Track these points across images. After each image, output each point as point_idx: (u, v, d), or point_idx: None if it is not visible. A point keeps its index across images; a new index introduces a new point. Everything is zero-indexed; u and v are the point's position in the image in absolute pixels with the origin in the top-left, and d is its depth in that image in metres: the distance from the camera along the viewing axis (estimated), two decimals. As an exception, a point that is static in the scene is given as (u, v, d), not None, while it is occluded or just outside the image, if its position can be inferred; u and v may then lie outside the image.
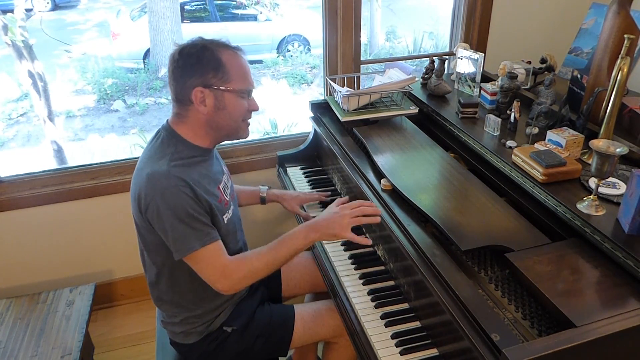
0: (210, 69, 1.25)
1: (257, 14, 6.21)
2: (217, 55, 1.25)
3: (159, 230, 1.25)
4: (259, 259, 1.32)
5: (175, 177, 1.22)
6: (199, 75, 1.24)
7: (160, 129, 1.35)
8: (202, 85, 1.25)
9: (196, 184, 1.26)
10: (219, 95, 1.27)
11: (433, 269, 1.17)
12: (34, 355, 1.72)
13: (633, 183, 1.10)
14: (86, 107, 5.25)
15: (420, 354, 1.17)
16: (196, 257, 1.25)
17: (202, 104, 1.27)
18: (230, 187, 1.47)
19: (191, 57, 1.25)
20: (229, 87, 1.27)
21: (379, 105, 1.89)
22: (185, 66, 1.25)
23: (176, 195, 1.21)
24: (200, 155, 1.33)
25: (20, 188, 2.06)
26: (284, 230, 1.38)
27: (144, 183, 1.23)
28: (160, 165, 1.24)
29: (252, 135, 1.48)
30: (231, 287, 1.30)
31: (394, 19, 7.23)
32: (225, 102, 1.28)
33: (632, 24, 1.49)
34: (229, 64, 1.26)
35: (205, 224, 1.26)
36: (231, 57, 1.27)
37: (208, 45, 1.26)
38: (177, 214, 1.21)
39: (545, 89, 1.61)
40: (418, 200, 1.37)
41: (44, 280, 2.22)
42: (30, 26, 3.51)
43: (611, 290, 1.06)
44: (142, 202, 1.23)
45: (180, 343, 1.45)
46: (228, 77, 1.26)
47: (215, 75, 1.25)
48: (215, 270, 1.28)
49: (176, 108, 1.31)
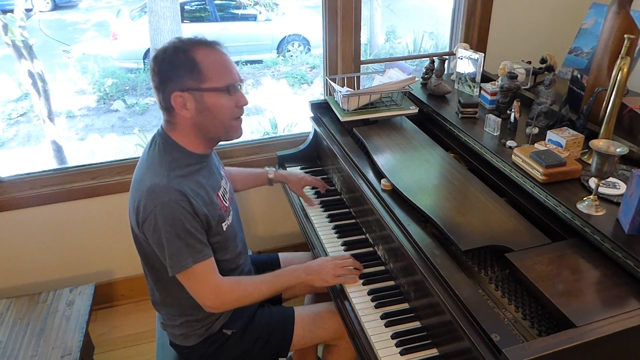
0: (185, 71, 1.21)
1: (257, 14, 6.21)
2: (191, 56, 1.21)
3: (154, 244, 1.24)
4: (253, 286, 1.35)
5: (175, 191, 1.20)
6: (175, 79, 1.21)
7: (155, 135, 1.33)
8: (179, 89, 1.21)
9: (195, 196, 1.24)
10: (198, 96, 1.23)
11: (433, 269, 1.17)
12: (34, 355, 1.72)
13: (633, 183, 1.10)
14: (86, 107, 5.25)
15: (420, 354, 1.17)
16: (188, 274, 1.25)
17: (184, 108, 1.24)
18: (229, 192, 1.46)
19: (164, 62, 1.22)
20: (206, 86, 1.22)
21: (379, 105, 1.89)
22: (161, 72, 1.22)
23: (175, 210, 1.20)
24: (197, 163, 1.31)
25: (20, 188, 2.06)
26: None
27: (144, 195, 1.21)
28: (161, 177, 1.22)
29: (252, 135, 1.48)
30: (220, 306, 1.32)
31: (394, 19, 7.23)
32: (206, 102, 1.24)
33: (632, 24, 1.49)
34: (204, 63, 1.21)
35: (200, 241, 1.25)
36: (206, 55, 1.23)
37: (181, 47, 1.22)
38: (175, 229, 1.20)
39: (545, 89, 1.61)
40: (418, 200, 1.37)
41: (44, 280, 2.22)
42: (30, 26, 3.51)
43: (611, 290, 1.06)
44: (141, 214, 1.22)
45: (180, 345, 1.45)
46: (204, 77, 1.22)
47: (191, 76, 1.21)
48: (207, 288, 1.28)
49: (164, 115, 1.29)
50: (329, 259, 1.44)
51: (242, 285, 1.34)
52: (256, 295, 1.35)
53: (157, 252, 1.25)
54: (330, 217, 1.71)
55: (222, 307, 1.34)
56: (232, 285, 1.32)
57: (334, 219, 1.70)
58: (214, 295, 1.29)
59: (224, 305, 1.33)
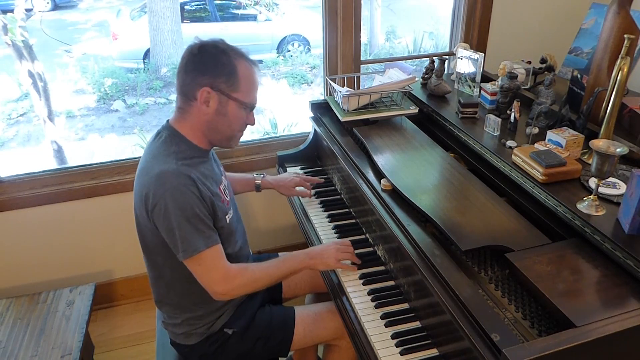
0: (223, 73, 1.26)
1: (257, 14, 6.20)
2: (234, 63, 1.27)
3: (163, 230, 1.25)
4: (261, 271, 1.37)
5: (184, 176, 1.23)
6: (211, 75, 1.25)
7: (160, 129, 1.35)
8: (210, 86, 1.26)
9: (202, 183, 1.27)
10: (223, 100, 1.28)
11: (433, 269, 1.17)
12: (34, 355, 1.72)
13: (633, 183, 1.10)
14: (86, 107, 5.25)
15: (421, 354, 1.17)
16: (200, 259, 1.26)
17: (205, 104, 1.27)
18: (228, 188, 1.48)
19: (210, 55, 1.26)
20: (236, 96, 1.29)
21: (379, 105, 1.89)
22: (201, 62, 1.26)
23: (185, 195, 1.22)
24: (200, 156, 1.34)
25: (20, 188, 2.06)
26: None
27: (153, 181, 1.23)
28: (169, 163, 1.24)
29: (252, 135, 1.50)
30: (229, 291, 1.32)
31: (394, 19, 7.23)
32: (228, 109, 1.30)
33: (632, 24, 1.49)
34: (242, 74, 1.28)
35: (209, 227, 1.27)
36: (246, 69, 1.30)
37: (228, 51, 1.28)
38: (185, 213, 1.22)
39: (545, 89, 1.61)
40: (418, 200, 1.37)
41: (44, 280, 2.22)
42: (30, 26, 3.51)
43: (611, 290, 1.06)
44: (150, 200, 1.23)
45: (181, 344, 1.45)
46: (237, 87, 1.28)
47: (227, 80, 1.27)
48: (217, 273, 1.29)
49: (180, 102, 1.32)
50: (330, 244, 1.47)
51: (250, 270, 1.36)
52: (264, 280, 1.37)
53: (167, 238, 1.26)
54: (330, 217, 1.71)
55: (231, 293, 1.34)
56: (241, 270, 1.34)
57: (334, 219, 1.70)
58: (224, 281, 1.30)
59: (233, 291, 1.33)
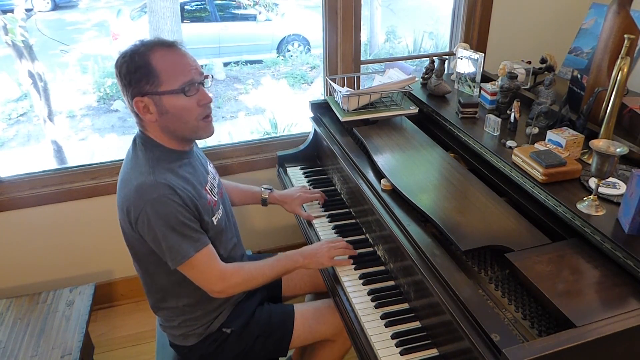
0: (141, 75, 1.20)
1: (257, 14, 6.20)
2: (147, 60, 1.20)
3: (150, 241, 1.24)
4: (256, 269, 1.38)
5: (162, 186, 1.21)
6: (134, 84, 1.21)
7: (135, 136, 1.34)
8: (139, 94, 1.22)
9: (183, 189, 1.25)
10: (157, 100, 1.23)
11: (433, 269, 1.17)
12: (34, 355, 1.72)
13: (633, 183, 1.10)
14: (86, 107, 5.25)
15: (420, 354, 1.17)
16: (191, 264, 1.26)
17: (147, 112, 1.24)
18: (217, 186, 1.46)
19: (123, 67, 1.22)
20: (163, 89, 1.22)
21: (379, 105, 1.89)
22: (121, 77, 1.23)
23: (166, 205, 1.21)
24: (178, 160, 1.31)
25: (20, 188, 2.06)
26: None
27: (133, 195, 1.22)
28: (146, 175, 1.23)
29: (252, 135, 1.49)
30: (227, 289, 1.33)
31: (394, 19, 7.23)
32: (166, 105, 1.23)
33: (632, 24, 1.49)
34: (159, 66, 1.21)
35: (196, 230, 1.26)
36: (161, 57, 1.21)
37: (138, 50, 1.21)
38: (169, 223, 1.21)
39: (545, 89, 1.61)
40: (418, 200, 1.37)
41: (44, 280, 2.22)
42: (30, 26, 3.51)
43: (611, 290, 1.06)
44: (132, 214, 1.22)
45: (180, 345, 1.45)
46: (159, 80, 1.21)
47: (147, 80, 1.21)
48: (212, 274, 1.29)
49: (135, 118, 1.30)
50: (323, 243, 1.49)
51: (245, 268, 1.37)
52: (260, 279, 1.38)
53: (155, 249, 1.25)
54: (330, 217, 1.71)
55: (229, 291, 1.34)
56: (236, 269, 1.35)
57: (334, 219, 1.70)
58: (220, 280, 1.30)
59: (231, 289, 1.34)
